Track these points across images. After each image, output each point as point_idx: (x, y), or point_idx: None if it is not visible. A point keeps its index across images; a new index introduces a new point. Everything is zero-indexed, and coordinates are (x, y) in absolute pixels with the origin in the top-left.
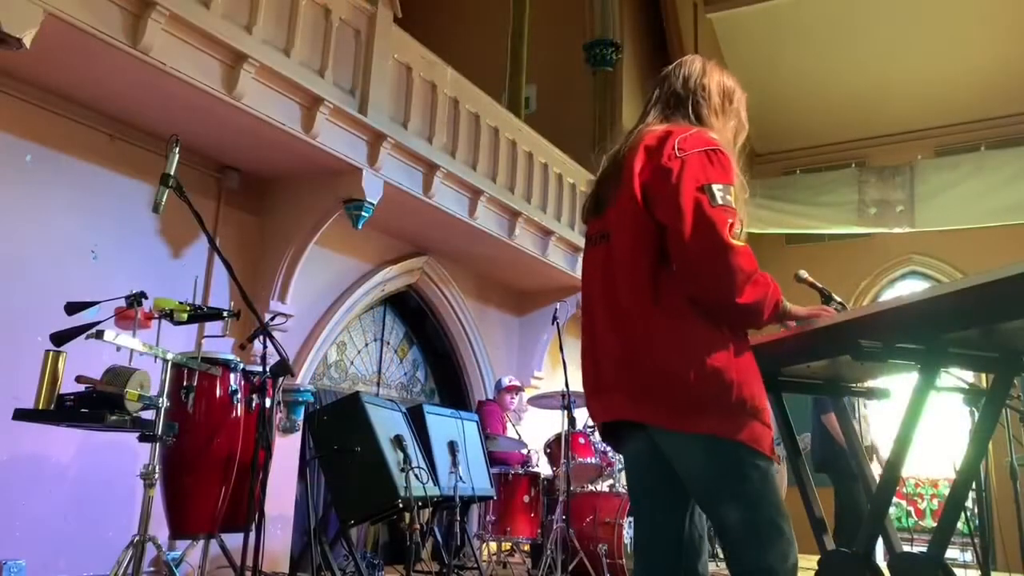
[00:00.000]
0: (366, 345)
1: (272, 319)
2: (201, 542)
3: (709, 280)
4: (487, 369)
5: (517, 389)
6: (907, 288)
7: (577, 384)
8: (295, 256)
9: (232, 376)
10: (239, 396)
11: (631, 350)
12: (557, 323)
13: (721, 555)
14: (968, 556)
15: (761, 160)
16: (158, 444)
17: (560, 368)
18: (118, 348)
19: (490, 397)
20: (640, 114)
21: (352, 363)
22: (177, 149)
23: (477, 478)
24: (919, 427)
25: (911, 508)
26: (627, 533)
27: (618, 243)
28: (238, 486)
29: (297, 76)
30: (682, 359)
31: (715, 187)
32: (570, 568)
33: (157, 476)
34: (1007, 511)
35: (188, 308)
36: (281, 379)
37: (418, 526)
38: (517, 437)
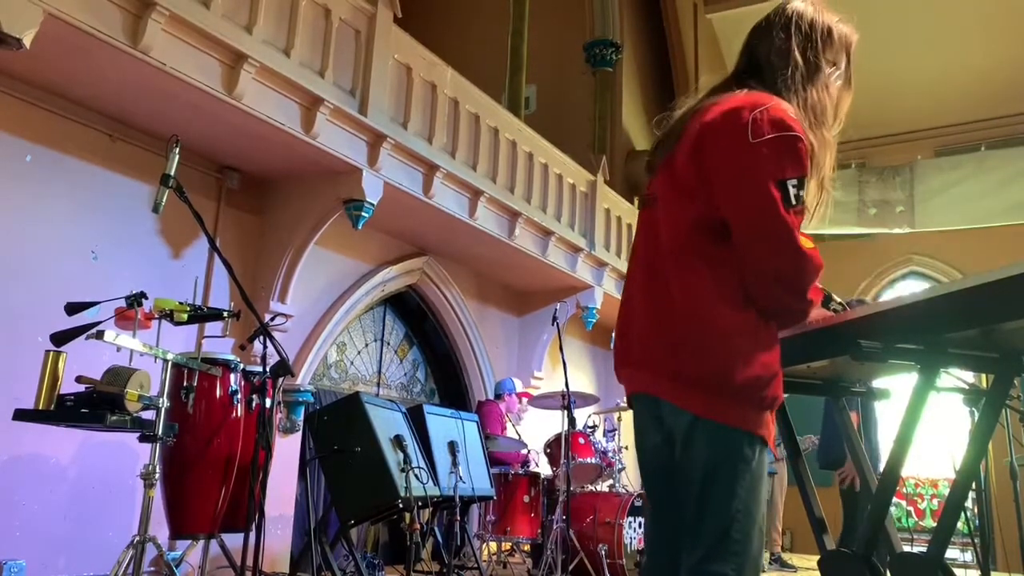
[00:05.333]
0: (366, 345)
1: (272, 319)
2: (201, 542)
3: (779, 288)
4: (487, 369)
5: (527, 396)
6: (907, 288)
7: (577, 384)
8: (295, 256)
9: (232, 376)
10: (239, 396)
11: (668, 326)
12: (557, 323)
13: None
14: (968, 556)
15: None
16: (158, 444)
17: (560, 368)
18: (118, 348)
19: (490, 398)
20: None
21: (352, 363)
22: (177, 149)
23: (477, 478)
24: (919, 427)
25: (911, 508)
26: (627, 533)
27: (664, 214)
28: (238, 486)
29: (297, 76)
30: (732, 346)
31: (790, 183)
32: (570, 568)
33: (157, 476)
34: (1007, 511)
35: (188, 308)
36: (281, 379)
37: (418, 526)
38: (517, 437)
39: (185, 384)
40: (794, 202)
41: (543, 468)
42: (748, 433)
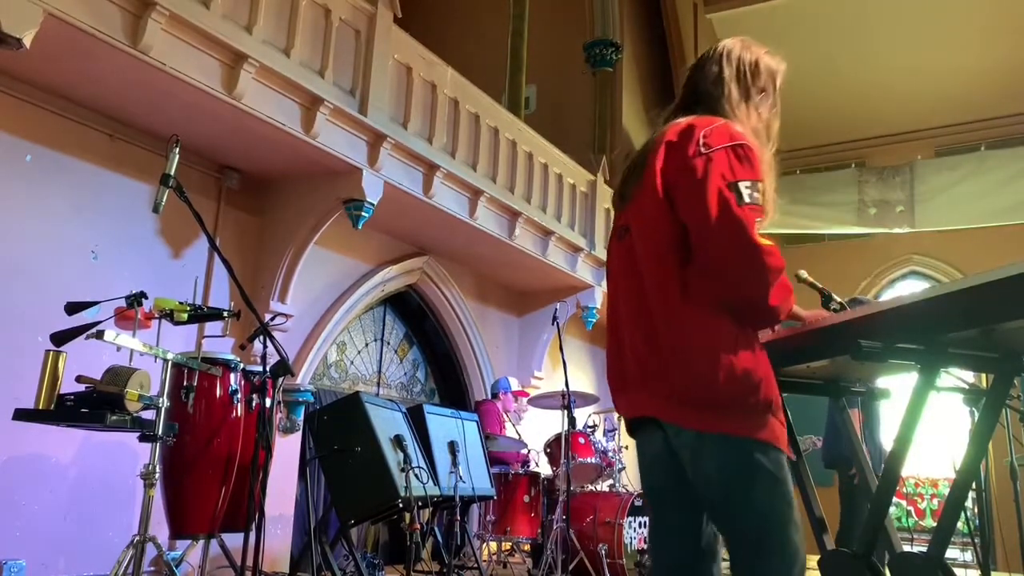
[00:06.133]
0: (366, 345)
1: (272, 319)
2: (201, 542)
3: (738, 281)
4: (487, 369)
5: (523, 394)
6: (907, 288)
7: (577, 384)
8: (295, 256)
9: (232, 376)
10: (239, 396)
11: (656, 347)
12: (557, 323)
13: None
14: (968, 556)
15: None
16: (158, 444)
17: (560, 368)
18: (118, 348)
19: (487, 397)
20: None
21: (352, 363)
22: (177, 149)
23: (477, 478)
24: (919, 427)
25: (911, 508)
26: (627, 533)
27: (639, 239)
28: (238, 486)
29: (297, 76)
30: (711, 357)
31: (742, 184)
32: (570, 568)
33: (157, 476)
34: (1007, 511)
35: (188, 308)
36: (281, 379)
37: (418, 526)
38: (517, 437)
39: (185, 384)
40: (747, 200)
41: (543, 468)
42: (750, 439)
